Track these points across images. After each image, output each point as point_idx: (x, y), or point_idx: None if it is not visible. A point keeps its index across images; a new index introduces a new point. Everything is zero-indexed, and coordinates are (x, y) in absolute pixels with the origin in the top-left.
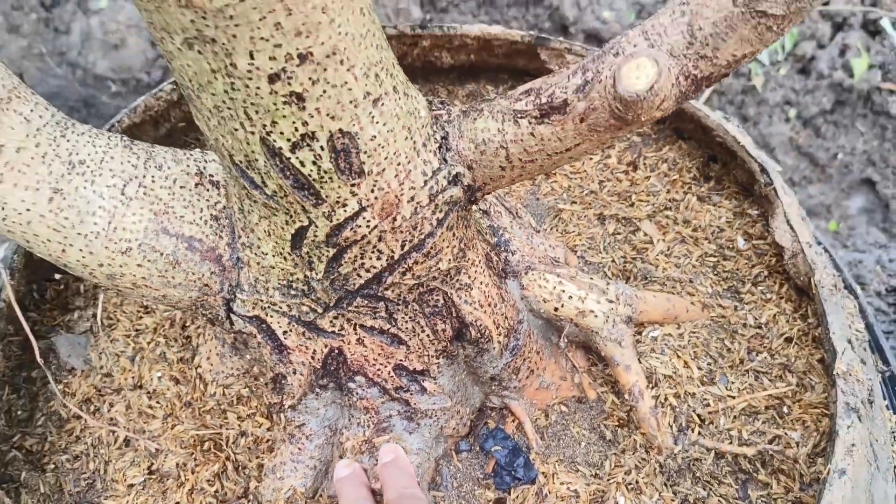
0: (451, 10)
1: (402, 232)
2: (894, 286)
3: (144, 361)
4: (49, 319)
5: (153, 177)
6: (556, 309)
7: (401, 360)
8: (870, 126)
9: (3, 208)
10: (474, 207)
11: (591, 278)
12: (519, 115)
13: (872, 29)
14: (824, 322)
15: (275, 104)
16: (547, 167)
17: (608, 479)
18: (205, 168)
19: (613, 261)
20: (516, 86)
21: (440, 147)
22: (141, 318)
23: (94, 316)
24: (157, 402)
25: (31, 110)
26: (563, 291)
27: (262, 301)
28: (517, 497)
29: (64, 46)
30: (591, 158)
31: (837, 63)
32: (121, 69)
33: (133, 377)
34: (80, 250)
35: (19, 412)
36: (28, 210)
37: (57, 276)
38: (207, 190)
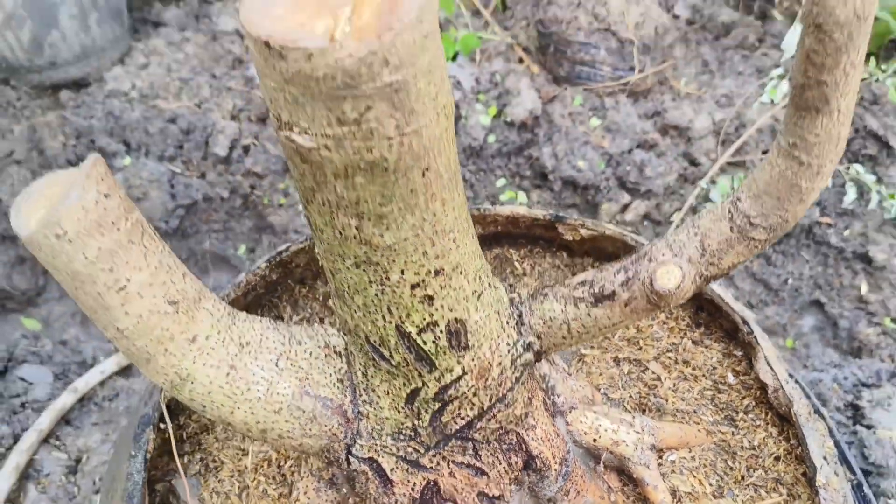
0: None
1: (491, 389)
2: (849, 401)
3: (251, 497)
4: (163, 465)
5: (296, 351)
6: (594, 440)
7: (483, 488)
8: (813, 254)
9: (192, 382)
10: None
11: (620, 414)
12: (578, 301)
13: None
14: (804, 444)
15: (412, 303)
16: (597, 336)
17: None
18: (329, 341)
19: (631, 396)
20: (534, 250)
21: (517, 323)
22: (240, 459)
23: (202, 460)
24: None
25: (213, 305)
26: (600, 426)
27: (376, 445)
28: None
29: None
30: None
31: None
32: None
33: None
34: (245, 412)
35: None
36: (211, 382)
37: (161, 426)
38: (334, 359)
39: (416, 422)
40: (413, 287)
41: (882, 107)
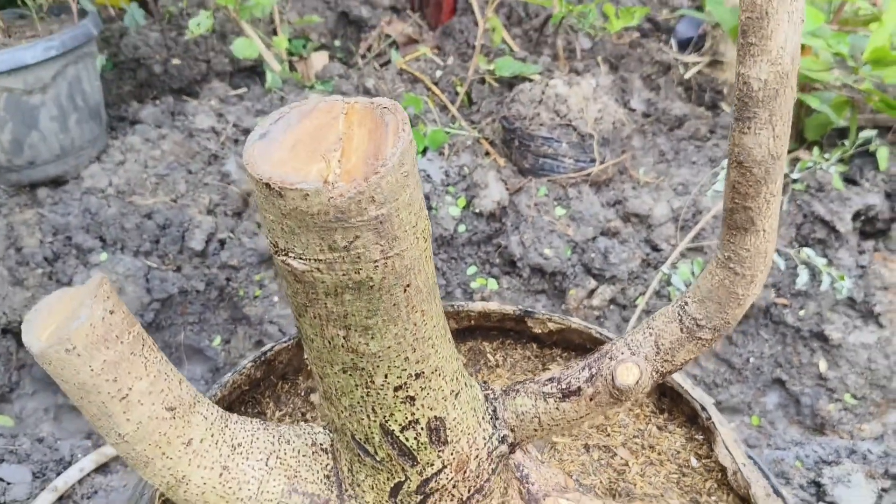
0: None
1: (469, 480)
2: (812, 479)
3: None
4: None
5: (284, 450)
6: None
7: None
8: (772, 334)
9: (187, 484)
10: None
11: (592, 501)
12: (547, 396)
13: None
14: None
15: (395, 404)
16: (566, 428)
17: None
18: (315, 439)
19: (601, 482)
20: (505, 342)
21: (492, 418)
22: None
23: None
24: None
25: (207, 409)
26: None
27: None
28: None
29: None
30: None
31: None
32: None
33: None
34: None
35: None
36: (205, 483)
37: None
38: (320, 455)
39: None
40: (396, 389)
41: (827, 193)
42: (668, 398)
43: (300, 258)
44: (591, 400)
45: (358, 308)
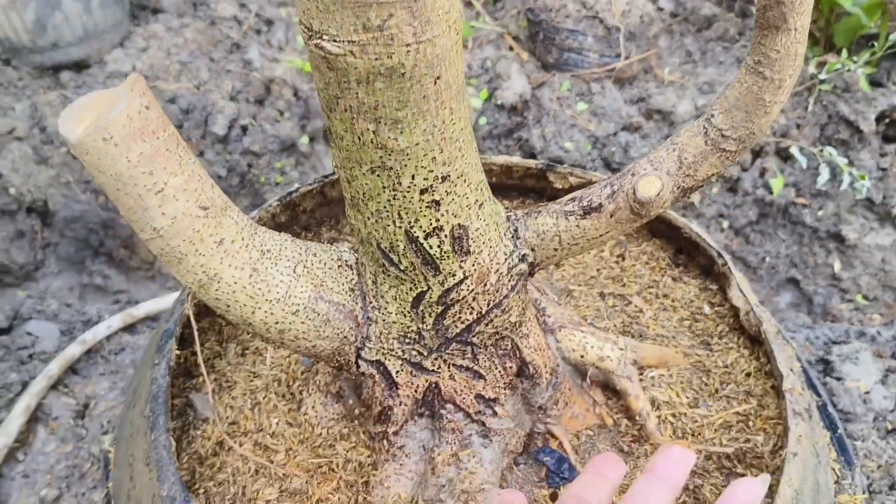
0: None
1: (489, 294)
2: (820, 357)
3: (262, 411)
4: (179, 383)
5: (311, 261)
6: (581, 356)
7: (480, 391)
8: (789, 234)
9: (219, 282)
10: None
11: (605, 334)
12: (568, 214)
13: (784, 155)
14: (772, 357)
15: (420, 208)
16: (585, 248)
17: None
18: (341, 256)
19: (615, 325)
20: (525, 201)
21: (513, 236)
22: (252, 380)
23: (216, 380)
24: (278, 441)
25: (237, 215)
26: (587, 343)
27: (384, 348)
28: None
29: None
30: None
31: (759, 183)
32: None
33: (255, 423)
34: (265, 312)
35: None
36: (236, 282)
37: (178, 353)
38: (346, 271)
39: (420, 325)
40: (422, 192)
41: (853, 94)
42: (684, 254)
43: (334, 40)
44: (611, 216)
45: (389, 98)
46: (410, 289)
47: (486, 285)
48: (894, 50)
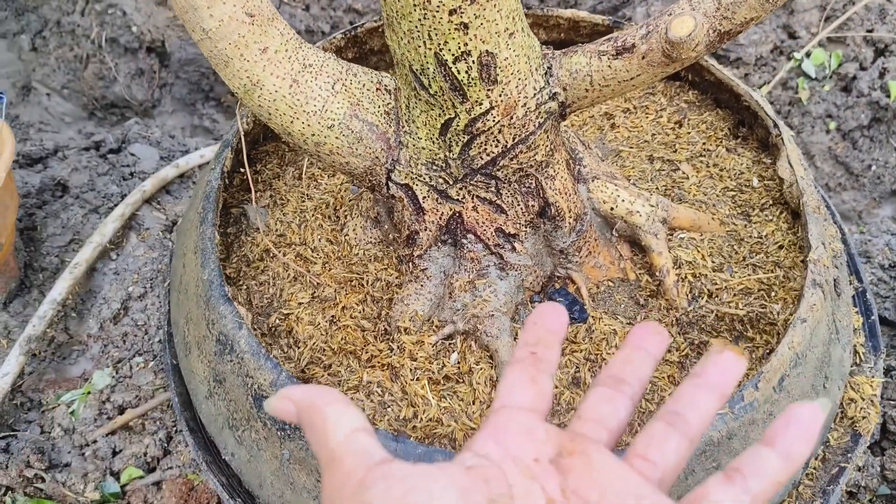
0: None
1: (515, 128)
2: (894, 262)
3: (308, 228)
4: (240, 196)
5: (351, 80)
6: (611, 209)
7: (500, 225)
8: None
9: (261, 89)
10: (563, 126)
11: (639, 190)
12: (601, 54)
13: None
14: (804, 228)
15: (449, 30)
16: (616, 92)
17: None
18: (381, 80)
19: (657, 188)
20: None
21: (546, 73)
22: (304, 202)
23: (271, 197)
24: (317, 255)
25: (284, 27)
26: (618, 196)
27: (412, 173)
28: (573, 331)
29: None
30: (647, 116)
31: (877, 84)
32: None
33: (300, 237)
34: (303, 123)
35: (220, 254)
36: (277, 91)
37: (242, 170)
38: (383, 94)
39: (447, 153)
40: (451, 13)
41: None
42: (745, 126)
43: None
44: (643, 58)
45: None
46: (439, 115)
47: (512, 118)
48: None
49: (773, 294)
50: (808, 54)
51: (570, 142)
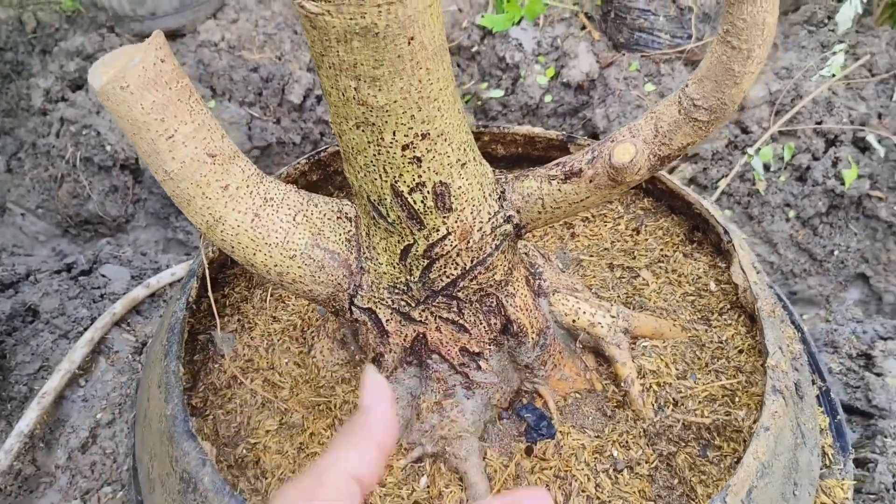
0: (500, 119)
1: (472, 251)
2: (863, 351)
3: (275, 352)
4: (207, 321)
5: (312, 211)
6: (573, 321)
7: (464, 344)
8: (862, 228)
9: (223, 224)
10: (520, 245)
11: (600, 301)
12: (551, 178)
13: (861, 145)
14: (762, 334)
15: (403, 164)
16: (568, 213)
17: (607, 439)
18: (343, 208)
19: (619, 296)
20: None
21: (500, 198)
22: (271, 324)
23: (239, 321)
24: (285, 379)
25: (245, 164)
26: (579, 308)
27: (375, 297)
28: (541, 447)
29: None
30: (605, 224)
31: (830, 173)
32: None
33: (267, 362)
34: (265, 254)
35: (185, 383)
36: (239, 225)
37: (210, 295)
38: (344, 222)
39: (408, 277)
40: (404, 148)
41: None
42: (700, 231)
43: (313, 0)
44: (590, 182)
45: (366, 56)
46: (398, 241)
47: (469, 242)
48: None
49: (737, 400)
50: (757, 150)
51: (531, 256)
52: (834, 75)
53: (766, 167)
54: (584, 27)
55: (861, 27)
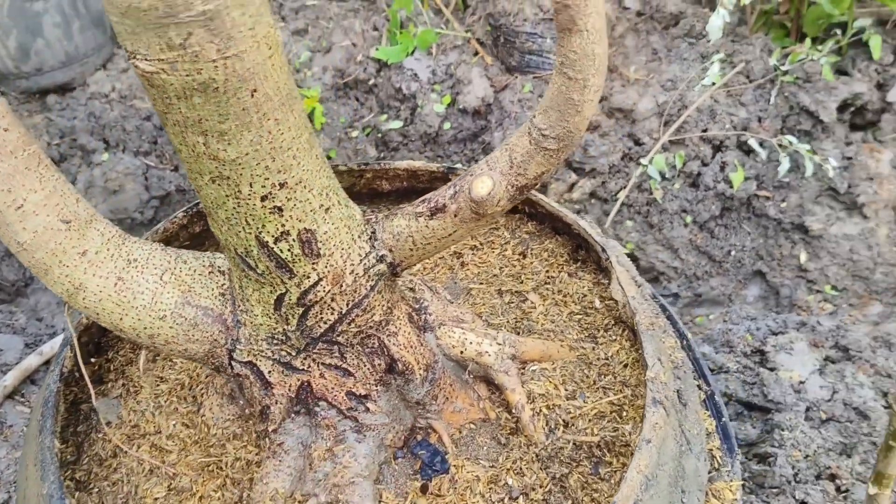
0: (401, 149)
1: (347, 294)
2: (757, 348)
3: (163, 414)
4: (88, 390)
5: (180, 268)
6: (461, 352)
7: (350, 388)
8: (754, 227)
9: (84, 291)
10: (406, 280)
11: (486, 329)
12: (418, 215)
13: (745, 148)
14: (641, 347)
15: (264, 214)
16: (439, 248)
17: (501, 467)
18: (214, 262)
19: (508, 322)
20: None
21: (371, 238)
22: (158, 385)
23: (124, 385)
24: (173, 442)
25: (104, 227)
26: (466, 339)
27: (254, 349)
28: (436, 483)
29: None
30: (493, 251)
31: (720, 177)
32: (118, 210)
33: (154, 426)
34: (133, 318)
35: (69, 456)
36: (101, 290)
37: (93, 360)
38: (217, 276)
39: (285, 326)
40: (263, 199)
41: (814, 84)
42: (583, 250)
43: (146, 59)
44: (455, 216)
45: (209, 112)
46: (271, 291)
47: (342, 286)
48: (859, 37)
49: (624, 414)
50: (651, 161)
51: (417, 291)
52: (714, 84)
53: (661, 176)
54: (476, 53)
55: (737, 36)
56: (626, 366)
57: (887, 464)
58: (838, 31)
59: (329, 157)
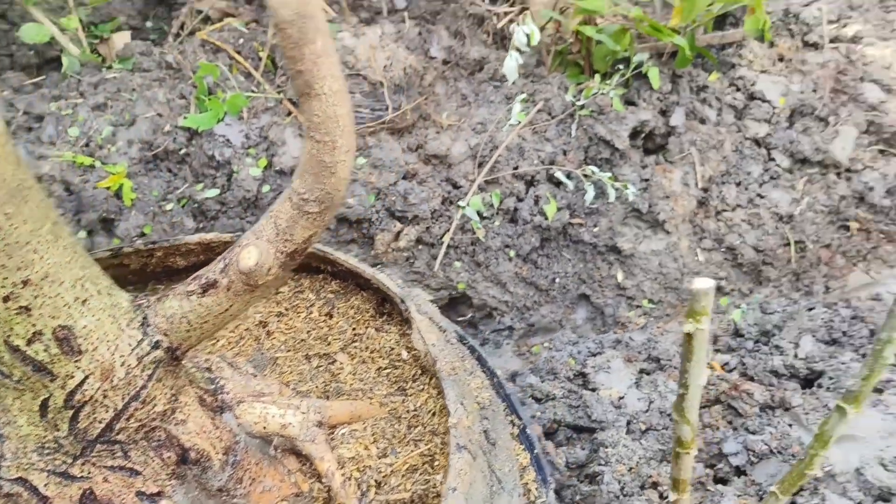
0: (221, 217)
1: (120, 388)
2: (578, 371)
3: None
4: None
5: None
6: (264, 427)
7: (140, 488)
8: (573, 253)
9: None
10: (201, 359)
11: (289, 399)
12: (190, 294)
13: (554, 181)
14: (444, 394)
15: (10, 316)
16: (219, 325)
17: None
18: None
19: (317, 387)
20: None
21: (142, 324)
22: None
23: None
24: None
25: None
26: (267, 413)
27: (23, 463)
28: None
29: None
30: (299, 315)
31: (535, 210)
32: None
33: None
34: None
35: None
36: None
37: None
38: None
39: (55, 433)
40: (5, 300)
41: (607, 115)
42: (389, 303)
43: None
44: (228, 290)
45: None
46: (33, 397)
47: (113, 380)
48: (640, 70)
49: (436, 464)
50: (468, 202)
51: (216, 369)
52: (520, 122)
53: (480, 215)
54: (289, 113)
55: (536, 77)
56: (434, 414)
57: (679, 470)
58: (621, 66)
59: (143, 234)
